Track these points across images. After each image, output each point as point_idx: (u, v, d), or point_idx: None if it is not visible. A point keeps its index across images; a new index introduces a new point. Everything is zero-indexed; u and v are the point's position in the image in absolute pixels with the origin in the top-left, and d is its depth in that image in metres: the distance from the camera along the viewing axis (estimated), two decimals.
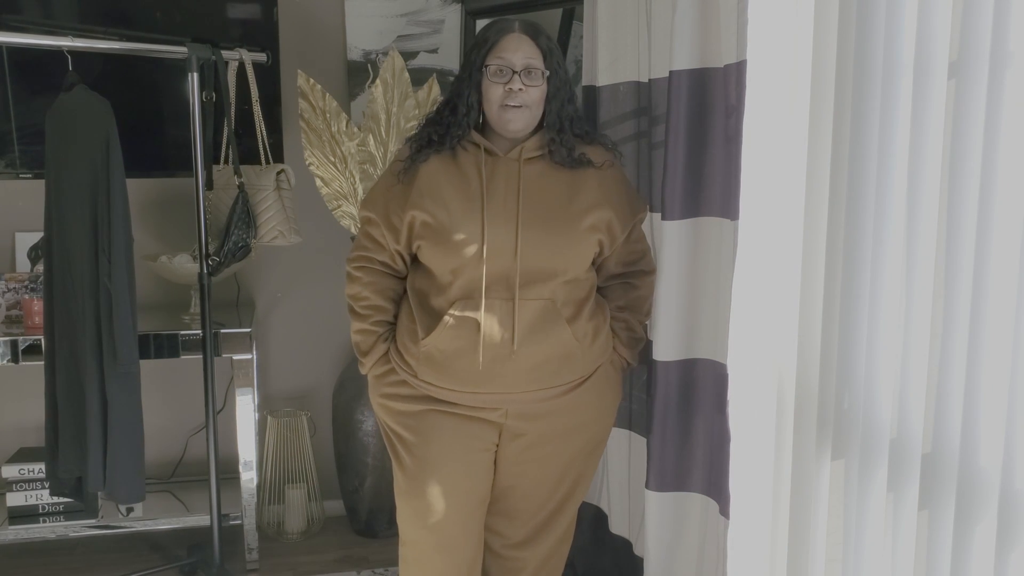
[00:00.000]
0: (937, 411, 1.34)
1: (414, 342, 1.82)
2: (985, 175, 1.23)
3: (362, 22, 3.03)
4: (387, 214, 1.83)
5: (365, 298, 1.89)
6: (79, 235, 2.36)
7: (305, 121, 2.75)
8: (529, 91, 1.75)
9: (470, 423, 1.85)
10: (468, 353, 1.77)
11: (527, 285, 1.76)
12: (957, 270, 1.29)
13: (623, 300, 1.94)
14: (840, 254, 1.58)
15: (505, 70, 1.74)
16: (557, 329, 1.78)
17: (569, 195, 1.80)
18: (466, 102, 1.79)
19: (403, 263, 1.88)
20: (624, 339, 1.94)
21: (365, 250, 1.90)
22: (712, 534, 1.95)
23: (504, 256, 1.75)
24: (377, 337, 1.89)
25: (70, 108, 2.37)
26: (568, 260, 1.79)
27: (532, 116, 1.78)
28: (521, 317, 1.76)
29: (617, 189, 1.87)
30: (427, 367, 1.81)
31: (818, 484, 1.66)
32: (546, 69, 1.76)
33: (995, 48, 1.20)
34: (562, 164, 1.81)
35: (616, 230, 1.85)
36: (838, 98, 1.58)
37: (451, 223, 1.76)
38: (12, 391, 2.95)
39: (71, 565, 2.84)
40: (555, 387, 1.83)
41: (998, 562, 1.24)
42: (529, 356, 1.78)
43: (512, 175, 1.79)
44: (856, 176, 1.52)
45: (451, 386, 1.81)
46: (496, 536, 2.00)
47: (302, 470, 3.05)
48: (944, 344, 1.32)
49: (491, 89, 1.75)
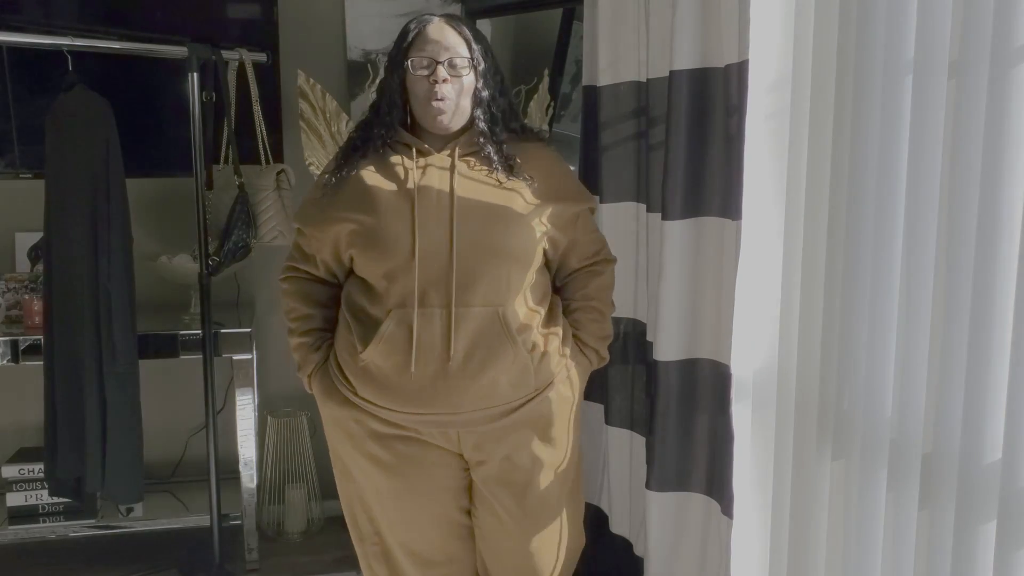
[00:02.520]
0: (937, 411, 1.34)
1: (352, 356, 1.69)
2: (986, 175, 1.23)
3: (362, 22, 3.03)
4: (312, 226, 1.75)
5: (293, 309, 1.80)
6: (79, 235, 2.36)
7: (305, 121, 2.75)
8: (455, 82, 1.65)
9: (428, 450, 1.74)
10: (406, 369, 1.64)
11: (466, 290, 1.63)
12: (958, 270, 1.29)
13: (589, 288, 1.81)
14: (841, 254, 1.58)
15: (428, 62, 1.64)
16: (503, 341, 1.65)
17: (507, 191, 1.68)
18: (389, 100, 1.70)
19: (331, 274, 1.79)
20: (594, 331, 1.81)
21: (292, 260, 1.82)
22: (713, 534, 1.95)
23: (439, 258, 1.63)
24: (308, 348, 1.78)
25: (70, 108, 2.37)
26: (509, 260, 1.66)
27: (461, 109, 1.68)
28: (460, 327, 1.63)
29: (556, 181, 1.76)
30: (366, 384, 1.69)
31: (819, 484, 1.66)
32: (471, 58, 1.66)
33: (996, 47, 1.20)
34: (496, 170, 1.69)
35: (564, 222, 1.74)
36: (839, 98, 1.58)
37: (379, 226, 1.65)
38: (12, 391, 2.95)
39: (71, 565, 2.84)
40: (504, 404, 1.69)
41: (999, 562, 1.24)
42: (472, 373, 1.64)
43: (445, 172, 1.68)
44: (857, 176, 1.52)
45: (391, 405, 1.68)
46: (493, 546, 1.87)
47: (302, 470, 3.05)
48: (944, 344, 1.32)
49: (415, 83, 1.66)
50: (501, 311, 1.66)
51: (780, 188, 1.72)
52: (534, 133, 1.84)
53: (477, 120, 1.70)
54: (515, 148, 1.74)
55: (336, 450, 1.84)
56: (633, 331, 2.26)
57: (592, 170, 2.29)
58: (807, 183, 1.67)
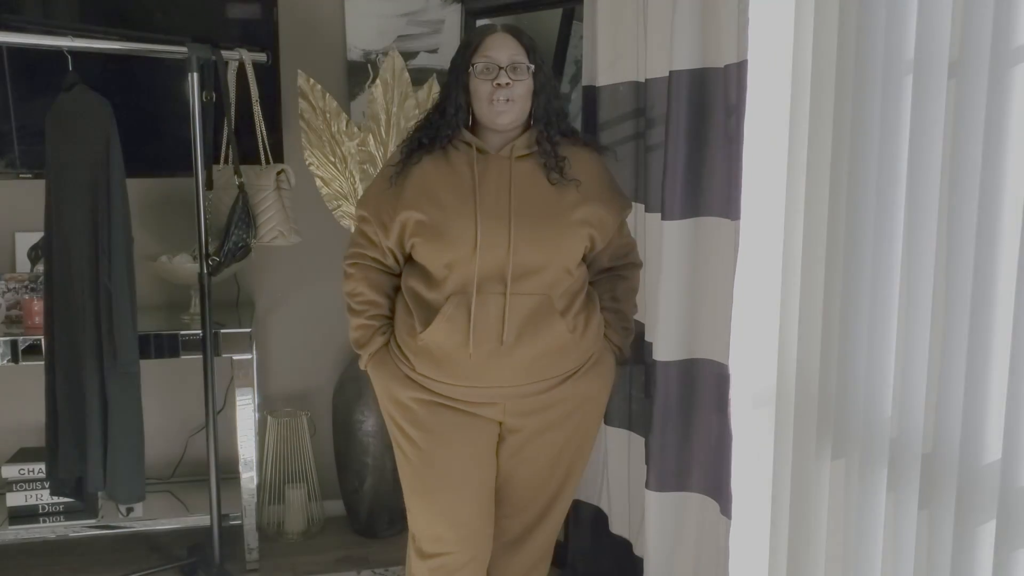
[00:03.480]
0: (937, 411, 1.34)
1: (412, 336, 1.85)
2: (985, 174, 1.23)
3: (362, 22, 3.03)
4: (379, 214, 1.88)
5: (360, 293, 1.93)
6: (79, 235, 2.36)
7: (305, 121, 2.75)
8: (516, 86, 1.79)
9: (471, 418, 1.88)
10: (463, 347, 1.81)
11: (520, 279, 1.80)
12: (958, 270, 1.29)
13: (616, 291, 1.97)
14: (841, 254, 1.58)
15: (492, 67, 1.79)
16: (550, 322, 1.82)
17: (559, 191, 1.83)
18: (455, 103, 1.84)
19: (395, 260, 1.92)
20: (618, 329, 1.97)
21: (359, 247, 1.95)
22: (712, 534, 1.95)
23: (497, 250, 1.79)
24: (374, 331, 1.93)
25: (70, 108, 2.37)
26: (560, 254, 1.82)
27: (520, 110, 1.82)
28: (513, 311, 1.80)
29: (604, 185, 1.91)
30: (424, 361, 1.85)
31: (818, 484, 1.66)
32: (531, 64, 1.81)
33: (996, 47, 1.20)
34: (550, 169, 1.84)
35: (607, 225, 1.89)
36: (838, 98, 1.58)
37: (445, 219, 1.80)
38: (12, 391, 2.95)
39: (71, 565, 2.84)
40: (549, 379, 1.86)
41: (998, 562, 1.24)
42: (523, 350, 1.81)
43: (503, 171, 1.83)
44: (857, 176, 1.52)
45: (447, 380, 1.84)
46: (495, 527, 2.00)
47: (302, 470, 3.05)
48: (944, 344, 1.32)
49: (479, 86, 1.80)
50: (548, 297, 1.82)
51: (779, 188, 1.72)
52: (583, 138, 1.97)
53: (536, 120, 1.85)
54: (565, 151, 1.87)
55: (390, 419, 1.95)
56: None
57: None
58: (807, 183, 1.67)
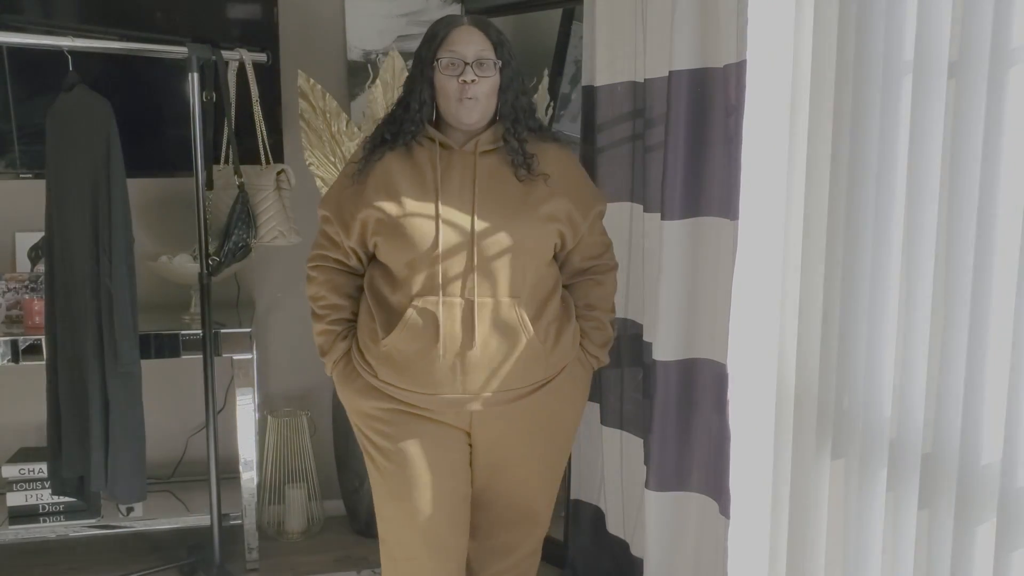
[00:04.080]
0: (937, 411, 1.34)
1: (374, 341, 1.79)
2: (985, 175, 1.23)
3: (362, 22, 3.03)
4: (340, 212, 1.82)
5: (322, 297, 1.87)
6: (79, 235, 2.36)
7: (305, 121, 2.75)
8: (482, 82, 1.73)
9: (439, 427, 1.83)
10: (427, 353, 1.74)
11: (486, 280, 1.73)
12: (957, 270, 1.29)
13: (591, 297, 1.90)
14: (840, 254, 1.58)
15: (457, 62, 1.72)
16: (519, 329, 1.75)
17: (526, 186, 1.77)
18: (418, 98, 1.77)
19: (358, 260, 1.86)
20: (596, 339, 1.91)
21: (321, 248, 1.89)
22: (711, 534, 1.95)
23: (461, 249, 1.73)
24: (336, 336, 1.87)
25: (70, 108, 2.37)
26: (527, 252, 1.76)
27: (486, 108, 1.76)
28: (481, 315, 1.73)
29: (573, 180, 1.85)
30: (387, 368, 1.78)
31: (818, 484, 1.66)
32: (498, 59, 1.74)
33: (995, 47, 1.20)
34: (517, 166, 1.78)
35: (577, 220, 1.82)
36: (838, 98, 1.58)
37: (405, 217, 1.74)
38: (12, 391, 2.95)
39: (71, 565, 2.84)
40: (518, 388, 1.79)
41: (998, 562, 1.24)
42: (490, 357, 1.74)
43: (467, 167, 1.77)
44: (856, 176, 1.52)
45: (411, 387, 1.78)
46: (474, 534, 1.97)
47: (302, 470, 3.05)
48: (944, 344, 1.32)
49: (444, 82, 1.74)
50: (517, 301, 1.75)
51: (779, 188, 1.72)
52: (551, 134, 1.91)
53: (500, 118, 1.79)
54: (534, 147, 1.82)
55: (359, 426, 1.90)
56: (626, 332, 2.26)
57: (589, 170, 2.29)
58: (806, 183, 1.67)
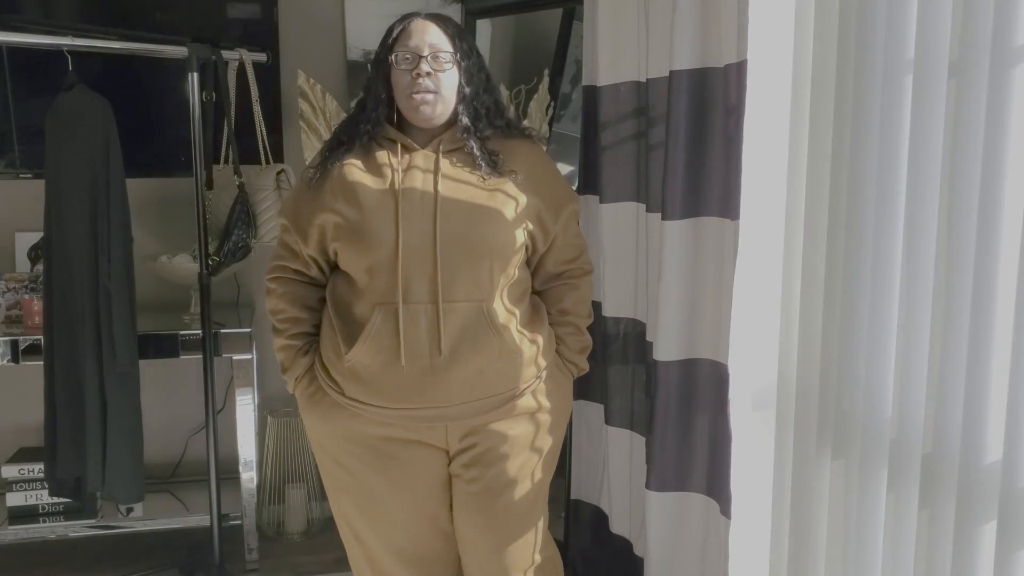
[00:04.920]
0: (937, 411, 1.34)
1: (338, 356, 1.72)
2: (986, 175, 1.23)
3: (362, 22, 3.03)
4: (297, 219, 1.76)
5: (282, 311, 1.80)
6: (79, 235, 2.36)
7: (305, 121, 2.75)
8: (438, 76, 1.67)
9: (414, 448, 1.76)
10: (393, 365, 1.67)
11: (451, 285, 1.66)
12: (958, 270, 1.29)
13: (565, 302, 1.84)
14: (841, 254, 1.58)
15: (412, 56, 1.67)
16: (488, 336, 1.69)
17: (492, 185, 1.70)
18: (374, 97, 1.73)
19: (319, 270, 1.80)
20: (572, 345, 1.86)
21: (280, 259, 1.82)
22: (713, 534, 1.95)
23: (422, 252, 1.65)
24: (296, 351, 1.80)
25: (70, 108, 2.37)
26: (494, 253, 1.68)
27: (444, 103, 1.70)
28: (448, 322, 1.66)
29: (543, 179, 1.78)
30: (353, 384, 1.71)
31: (819, 484, 1.66)
32: (455, 52, 1.69)
33: (996, 47, 1.20)
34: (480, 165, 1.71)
35: (546, 221, 1.76)
36: (838, 98, 1.58)
37: (363, 220, 1.67)
38: (12, 391, 2.95)
39: (71, 565, 2.84)
40: (492, 397, 1.73)
41: (999, 562, 1.24)
42: (460, 366, 1.68)
43: (429, 167, 1.70)
44: (857, 176, 1.52)
45: (380, 403, 1.70)
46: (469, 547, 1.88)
47: (302, 470, 3.05)
48: (945, 344, 1.32)
49: (400, 78, 1.68)
50: (485, 306, 1.69)
51: (779, 188, 1.72)
52: (521, 131, 1.84)
53: (460, 116, 1.72)
54: (501, 145, 1.76)
55: (321, 452, 1.84)
56: (633, 331, 2.26)
57: (592, 170, 2.29)
58: (807, 183, 1.67)
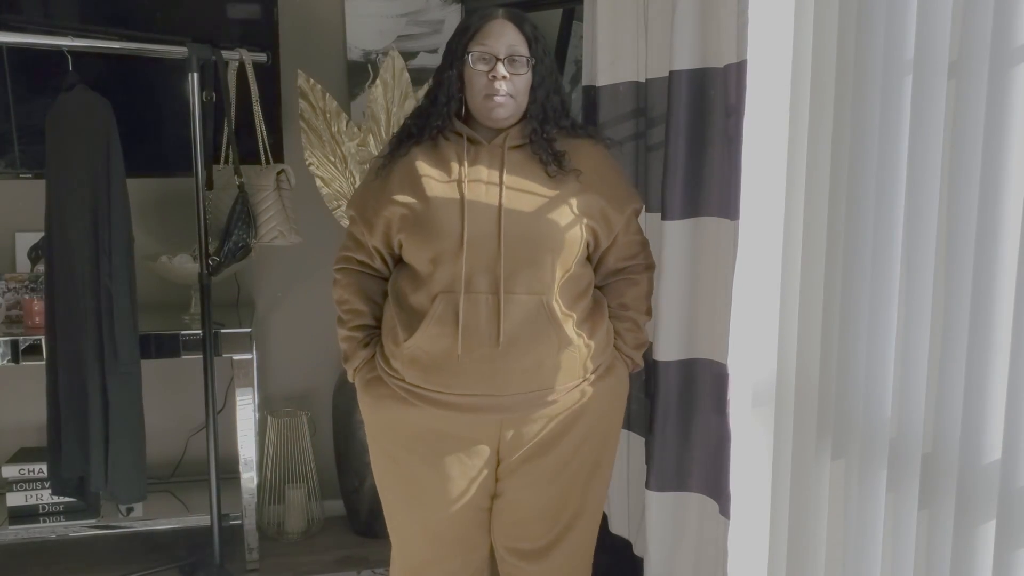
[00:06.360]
0: (937, 411, 1.34)
1: (398, 345, 1.73)
2: (985, 175, 1.23)
3: (362, 22, 3.03)
4: (364, 210, 1.77)
5: (346, 301, 1.83)
6: (80, 235, 2.36)
7: (305, 121, 2.75)
8: (513, 79, 1.68)
9: (464, 441, 1.77)
10: (453, 352, 1.68)
11: (513, 277, 1.67)
12: (958, 270, 1.29)
13: (625, 297, 1.84)
14: (840, 254, 1.58)
15: (488, 57, 1.67)
16: (549, 328, 1.69)
17: (556, 182, 1.71)
18: (447, 91, 1.72)
19: (383, 262, 1.81)
20: (629, 340, 1.85)
21: (347, 250, 1.84)
22: (712, 534, 1.95)
23: (487, 245, 1.66)
24: (357, 343, 1.82)
25: (70, 108, 2.37)
26: (556, 248, 1.69)
27: (517, 105, 1.71)
28: (508, 313, 1.67)
29: (607, 177, 1.79)
30: (413, 370, 1.73)
31: (818, 484, 1.66)
32: (531, 56, 1.69)
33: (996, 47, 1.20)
34: (546, 163, 1.72)
35: (611, 218, 1.76)
36: (838, 98, 1.58)
37: (428, 211, 1.68)
38: (12, 391, 2.95)
39: (71, 565, 2.84)
40: (550, 389, 1.73)
41: (998, 562, 1.24)
42: (518, 356, 1.68)
43: (495, 162, 1.71)
44: (856, 176, 1.52)
45: (438, 388, 1.72)
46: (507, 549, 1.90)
47: (302, 470, 3.05)
48: (944, 344, 1.32)
49: (474, 78, 1.68)
50: (546, 299, 1.69)
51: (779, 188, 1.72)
52: (586, 131, 1.85)
53: (530, 116, 1.74)
54: (566, 144, 1.77)
55: (372, 441, 1.86)
56: None
57: None
58: (806, 183, 1.67)
